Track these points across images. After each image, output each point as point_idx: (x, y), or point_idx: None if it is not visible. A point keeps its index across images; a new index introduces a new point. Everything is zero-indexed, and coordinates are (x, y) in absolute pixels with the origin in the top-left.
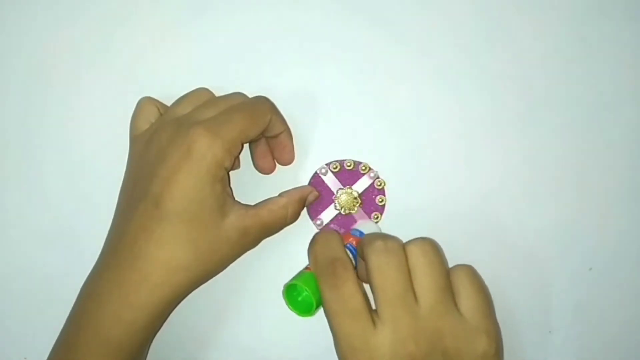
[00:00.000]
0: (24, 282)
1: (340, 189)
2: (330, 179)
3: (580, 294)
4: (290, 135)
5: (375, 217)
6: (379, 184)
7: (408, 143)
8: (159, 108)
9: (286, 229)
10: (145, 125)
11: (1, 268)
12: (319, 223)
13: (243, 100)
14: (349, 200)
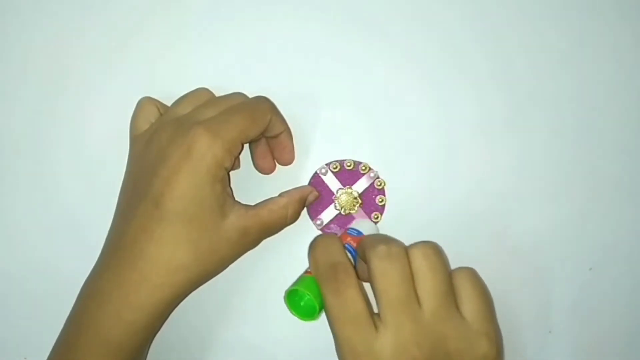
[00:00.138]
0: (24, 282)
1: (340, 189)
2: (330, 179)
3: (580, 294)
4: (291, 135)
5: (375, 217)
6: (379, 184)
7: (408, 143)
8: (159, 108)
9: (286, 229)
10: (145, 125)
11: (1, 268)
12: (319, 223)
13: (243, 101)
14: (349, 200)
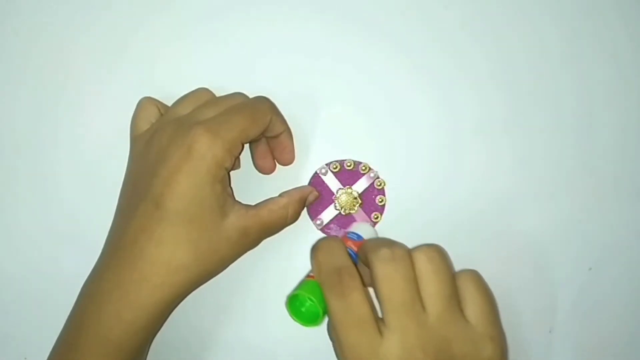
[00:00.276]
0: (24, 282)
1: (340, 189)
2: (330, 179)
3: (580, 294)
4: (291, 135)
5: (375, 217)
6: (379, 184)
7: (408, 143)
8: (159, 108)
9: (286, 229)
10: (145, 125)
11: (1, 268)
12: (319, 223)
13: (243, 101)
14: (349, 200)
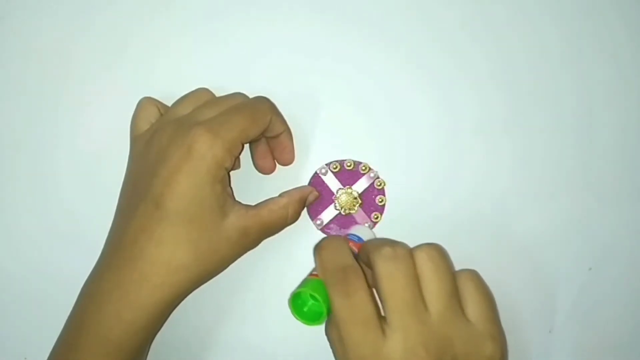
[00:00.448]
0: (24, 282)
1: (340, 189)
2: (330, 179)
3: (580, 294)
4: (291, 135)
5: (375, 217)
6: (379, 184)
7: (408, 143)
8: (159, 108)
9: (286, 229)
10: (145, 126)
11: (1, 268)
12: (318, 223)
13: (243, 101)
14: (349, 200)
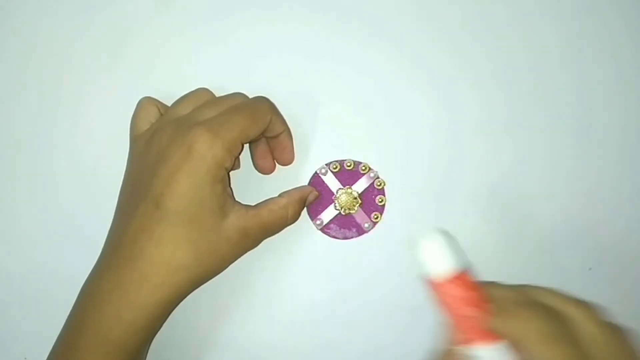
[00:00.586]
0: (24, 282)
1: (340, 189)
2: (330, 179)
3: (580, 294)
4: (290, 135)
5: (375, 217)
6: (378, 184)
7: (408, 143)
8: (159, 108)
9: (286, 229)
10: (145, 125)
11: (1, 268)
12: (318, 223)
13: (243, 101)
14: (349, 200)
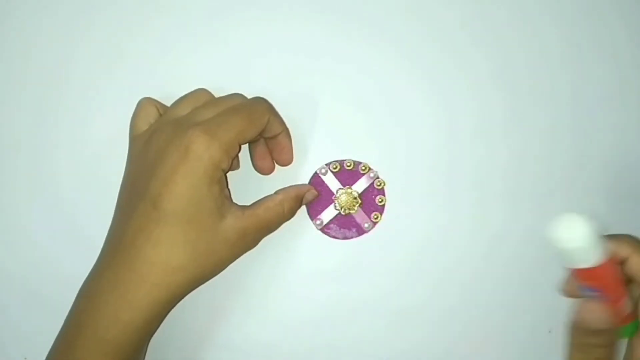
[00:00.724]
0: (24, 282)
1: (340, 189)
2: (330, 179)
3: None
4: (289, 135)
5: (375, 217)
6: (378, 184)
7: (408, 143)
8: (158, 109)
9: (286, 229)
10: (144, 126)
11: (1, 268)
12: (318, 223)
13: (241, 102)
14: (349, 200)
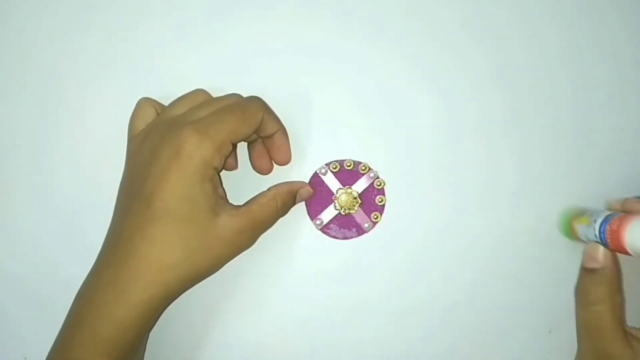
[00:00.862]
0: (24, 282)
1: (340, 189)
2: (330, 179)
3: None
4: (286, 134)
5: (375, 217)
6: (378, 184)
7: (408, 143)
8: (156, 108)
9: (287, 229)
10: (142, 125)
11: (1, 268)
12: (318, 223)
13: (235, 101)
14: (349, 200)
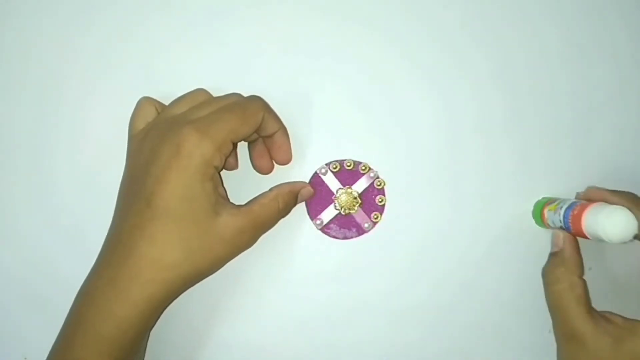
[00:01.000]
0: (24, 282)
1: (340, 188)
2: (330, 179)
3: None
4: (286, 134)
5: (375, 217)
6: (378, 184)
7: (408, 143)
8: (157, 108)
9: (287, 228)
10: (142, 125)
11: (1, 268)
12: (318, 223)
13: (235, 100)
14: (349, 200)
